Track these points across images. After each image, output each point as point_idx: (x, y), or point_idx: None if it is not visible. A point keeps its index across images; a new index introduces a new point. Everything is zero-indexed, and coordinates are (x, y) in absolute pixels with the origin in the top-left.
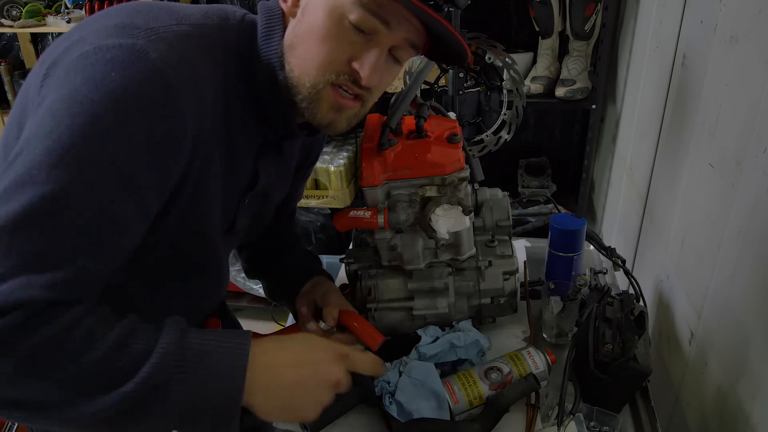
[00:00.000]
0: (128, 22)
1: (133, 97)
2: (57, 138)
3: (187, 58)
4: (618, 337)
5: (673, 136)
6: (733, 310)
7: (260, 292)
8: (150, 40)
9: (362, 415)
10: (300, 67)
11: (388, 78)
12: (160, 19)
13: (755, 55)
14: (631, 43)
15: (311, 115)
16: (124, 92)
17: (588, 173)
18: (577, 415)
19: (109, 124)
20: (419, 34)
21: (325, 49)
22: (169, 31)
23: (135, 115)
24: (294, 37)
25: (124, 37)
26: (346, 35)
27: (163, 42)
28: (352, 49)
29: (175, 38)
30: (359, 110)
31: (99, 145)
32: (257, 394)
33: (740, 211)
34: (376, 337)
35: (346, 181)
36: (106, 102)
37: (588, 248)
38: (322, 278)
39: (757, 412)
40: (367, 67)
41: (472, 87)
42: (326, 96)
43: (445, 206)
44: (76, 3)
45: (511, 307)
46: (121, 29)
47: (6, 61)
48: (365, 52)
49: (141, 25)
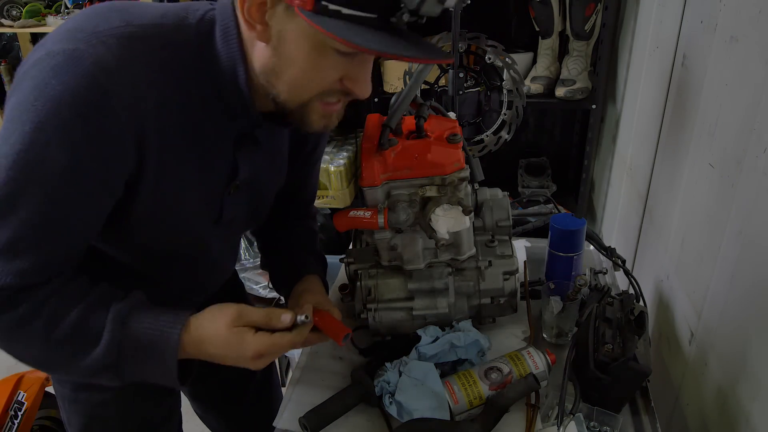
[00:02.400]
0: (78, 26)
1: (68, 104)
2: (11, 143)
3: (124, 60)
4: (618, 337)
5: (673, 136)
6: (733, 310)
7: (261, 292)
8: (90, 44)
9: (362, 415)
10: (289, 92)
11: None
12: (109, 21)
13: (755, 55)
14: (631, 43)
15: (303, 126)
16: (60, 100)
17: (588, 173)
18: (577, 415)
19: (50, 129)
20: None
21: (316, 77)
22: (113, 33)
23: (72, 120)
24: (274, 65)
25: (69, 42)
26: (333, 60)
27: (102, 45)
28: (342, 69)
29: (116, 41)
30: (343, 106)
31: (43, 149)
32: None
33: (740, 211)
34: (340, 331)
35: (346, 181)
36: (48, 109)
37: (588, 248)
38: (311, 277)
39: (757, 412)
40: (361, 84)
41: (472, 87)
42: (316, 108)
43: (445, 206)
44: (76, 3)
45: (511, 307)
46: (69, 34)
47: (6, 61)
48: (355, 71)
49: (87, 29)
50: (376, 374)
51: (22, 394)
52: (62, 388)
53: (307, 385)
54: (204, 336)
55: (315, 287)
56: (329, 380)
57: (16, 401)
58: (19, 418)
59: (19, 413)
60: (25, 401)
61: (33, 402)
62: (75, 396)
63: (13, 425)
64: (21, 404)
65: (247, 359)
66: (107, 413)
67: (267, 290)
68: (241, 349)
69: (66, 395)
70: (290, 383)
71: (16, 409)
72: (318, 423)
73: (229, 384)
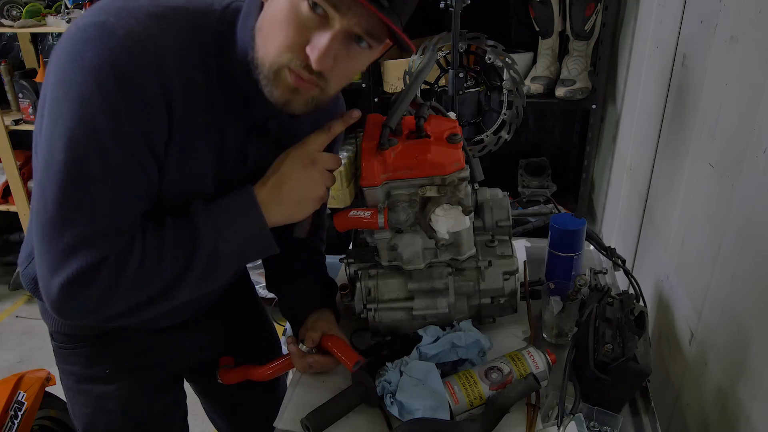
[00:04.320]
0: (107, 3)
1: (107, 74)
2: (62, 123)
3: (153, 34)
4: (618, 337)
5: (673, 136)
6: (733, 310)
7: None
8: (120, 17)
9: (363, 415)
10: (263, 48)
11: (350, 64)
12: (138, 0)
13: (755, 55)
14: (631, 43)
15: (269, 94)
16: (99, 70)
17: (588, 173)
18: (577, 415)
19: (95, 101)
20: (375, 22)
21: (282, 33)
22: (142, 10)
23: (113, 89)
24: (262, 20)
25: (99, 15)
26: (303, 20)
27: (132, 18)
28: (308, 33)
29: (145, 16)
30: (319, 95)
31: (92, 122)
32: (275, 216)
33: (740, 211)
34: (351, 358)
35: (346, 181)
36: (89, 82)
37: (588, 248)
38: (323, 311)
39: (757, 412)
40: (317, 51)
41: (472, 87)
42: (284, 77)
43: (445, 206)
44: (76, 3)
45: (511, 307)
46: (100, 8)
47: (6, 61)
48: (319, 38)
49: (117, 4)
50: (377, 374)
51: (22, 394)
52: (67, 379)
53: (307, 385)
54: (267, 185)
55: (328, 316)
56: (329, 381)
57: (16, 401)
58: (19, 418)
59: (19, 413)
60: (25, 401)
61: (33, 402)
62: (79, 387)
63: (13, 425)
64: (21, 404)
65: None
66: (111, 405)
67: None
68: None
69: (71, 387)
70: (290, 384)
71: (16, 409)
72: (320, 424)
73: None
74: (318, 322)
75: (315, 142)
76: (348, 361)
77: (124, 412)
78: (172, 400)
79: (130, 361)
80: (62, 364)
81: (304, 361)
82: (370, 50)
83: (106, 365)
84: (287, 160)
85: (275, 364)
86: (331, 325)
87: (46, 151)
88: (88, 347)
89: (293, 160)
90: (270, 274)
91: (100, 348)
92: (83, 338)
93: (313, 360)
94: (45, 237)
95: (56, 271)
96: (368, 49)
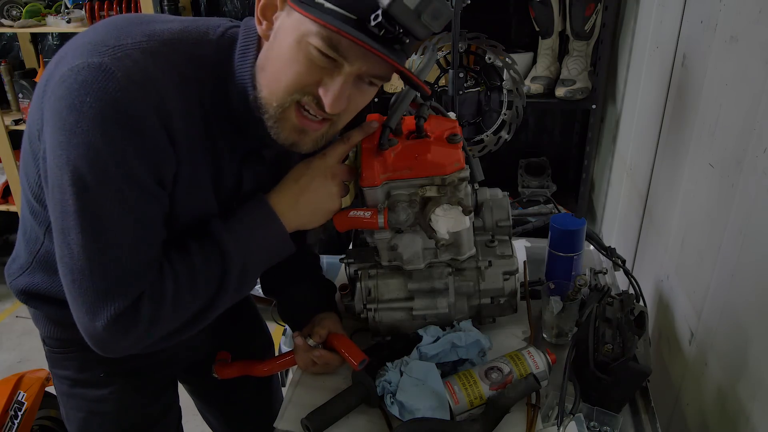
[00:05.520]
0: (100, 40)
1: (111, 120)
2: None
3: (150, 73)
4: (618, 337)
5: (673, 136)
6: (733, 310)
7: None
8: (116, 57)
9: (363, 416)
10: (268, 87)
11: (360, 101)
12: (131, 36)
13: (755, 55)
14: (631, 43)
15: (276, 135)
16: (102, 116)
17: (588, 173)
18: (577, 415)
19: (102, 147)
20: (383, 66)
21: (293, 72)
22: (137, 47)
23: (119, 134)
24: (266, 59)
25: (94, 55)
26: (314, 60)
27: (129, 59)
28: (321, 73)
29: (141, 55)
30: (327, 130)
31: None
32: (290, 224)
33: (740, 211)
34: (357, 356)
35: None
36: (93, 129)
37: (588, 248)
38: (328, 312)
39: (757, 412)
40: (330, 95)
41: (472, 87)
42: (290, 117)
43: (445, 206)
44: (76, 3)
45: (511, 307)
46: (92, 48)
47: (6, 61)
48: (331, 80)
49: (110, 43)
50: (377, 374)
51: (22, 394)
52: (61, 384)
53: (307, 386)
54: (283, 195)
55: (333, 317)
56: (329, 381)
57: (16, 401)
58: (19, 418)
59: (19, 413)
60: (25, 401)
61: (33, 402)
62: (73, 392)
63: (13, 425)
64: (21, 404)
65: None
66: (105, 409)
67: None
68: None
69: (64, 391)
70: (290, 384)
71: (16, 409)
72: (320, 424)
73: (230, 382)
74: (325, 321)
75: (335, 155)
76: (353, 359)
77: (118, 416)
78: (166, 403)
79: (124, 364)
80: (55, 369)
81: (308, 356)
82: (377, 86)
83: (100, 369)
84: (308, 171)
85: (276, 360)
86: (337, 326)
87: (57, 196)
88: (80, 351)
89: (314, 173)
90: (266, 278)
91: (93, 352)
92: (75, 342)
93: (318, 354)
94: (76, 283)
95: (96, 314)
96: (376, 85)
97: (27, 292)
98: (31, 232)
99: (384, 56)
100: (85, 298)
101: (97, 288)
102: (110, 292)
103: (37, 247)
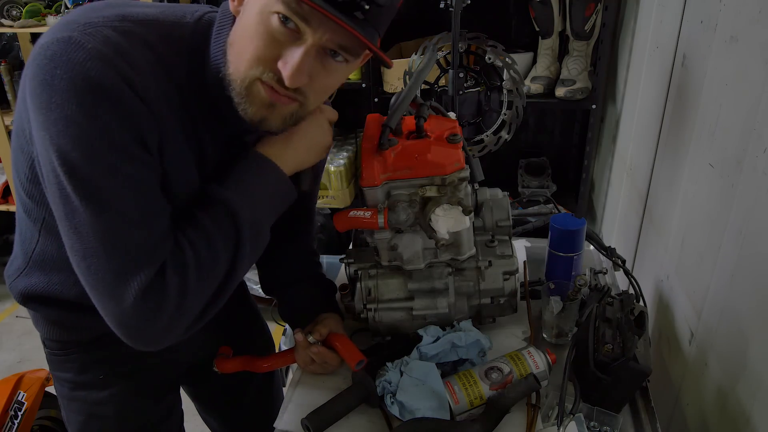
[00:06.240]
0: (72, 19)
1: (83, 89)
2: (57, 151)
3: (122, 50)
4: (618, 337)
5: (673, 136)
6: (733, 310)
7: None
8: (85, 32)
9: (363, 416)
10: (234, 63)
11: (328, 79)
12: (104, 15)
13: (755, 55)
14: (631, 43)
15: (243, 112)
16: (74, 86)
17: (588, 173)
18: (577, 415)
19: (81, 119)
20: (349, 37)
21: (253, 46)
22: (108, 25)
23: (93, 100)
24: (233, 34)
25: (63, 31)
26: (274, 33)
27: (100, 34)
28: (280, 48)
29: (113, 32)
30: (297, 109)
31: (87, 141)
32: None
33: (740, 211)
34: (355, 357)
35: (346, 181)
36: (68, 101)
37: (588, 248)
38: (330, 313)
39: (757, 412)
40: (289, 67)
41: (472, 87)
42: (257, 92)
43: (445, 206)
44: (76, 3)
45: (511, 307)
46: (63, 25)
47: (6, 61)
48: (291, 53)
49: (81, 21)
50: (377, 374)
51: (22, 394)
52: (61, 387)
53: (307, 386)
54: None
55: (334, 317)
56: (329, 381)
57: (16, 401)
58: (19, 418)
59: (19, 413)
60: (25, 401)
61: (33, 402)
62: (73, 395)
63: (13, 425)
64: (21, 404)
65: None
66: (106, 411)
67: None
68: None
69: (65, 394)
70: (290, 384)
71: (16, 409)
72: (321, 424)
73: (231, 384)
74: (327, 320)
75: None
76: (351, 360)
77: (119, 419)
78: (167, 406)
79: (124, 366)
80: (56, 372)
81: (307, 353)
82: (348, 64)
83: (100, 370)
84: None
85: (277, 356)
86: (338, 326)
87: (52, 180)
88: (80, 353)
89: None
90: (267, 278)
91: (93, 353)
92: (76, 344)
93: (317, 350)
94: (91, 269)
95: (121, 297)
96: (345, 63)
97: (25, 294)
98: (26, 231)
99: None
100: (105, 283)
101: (114, 268)
102: (129, 269)
103: (33, 247)
